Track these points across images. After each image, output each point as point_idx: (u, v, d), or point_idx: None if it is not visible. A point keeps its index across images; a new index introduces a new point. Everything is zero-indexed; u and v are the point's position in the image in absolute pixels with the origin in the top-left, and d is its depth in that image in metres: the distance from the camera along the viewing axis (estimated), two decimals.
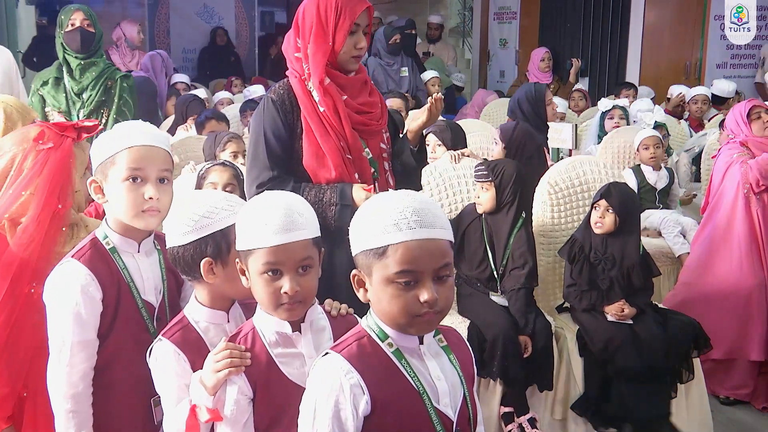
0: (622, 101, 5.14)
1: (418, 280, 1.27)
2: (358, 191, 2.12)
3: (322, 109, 2.14)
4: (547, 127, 4.12)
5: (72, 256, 1.65)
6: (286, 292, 1.41)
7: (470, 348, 1.48)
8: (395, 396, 1.29)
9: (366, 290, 1.33)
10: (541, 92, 4.11)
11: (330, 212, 2.09)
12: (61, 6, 6.58)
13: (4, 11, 5.82)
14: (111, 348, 1.65)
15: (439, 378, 1.35)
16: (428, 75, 6.49)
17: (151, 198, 1.62)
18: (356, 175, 2.18)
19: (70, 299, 1.60)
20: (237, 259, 1.48)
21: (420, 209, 1.28)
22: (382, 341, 1.32)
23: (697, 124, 5.54)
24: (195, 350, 1.52)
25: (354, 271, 1.34)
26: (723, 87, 5.91)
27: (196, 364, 1.48)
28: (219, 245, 1.54)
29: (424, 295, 1.26)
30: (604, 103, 5.00)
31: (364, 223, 1.31)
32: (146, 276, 1.70)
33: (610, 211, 2.88)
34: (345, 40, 2.13)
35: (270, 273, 1.41)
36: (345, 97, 2.16)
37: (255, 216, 1.43)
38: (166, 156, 1.69)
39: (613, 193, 2.90)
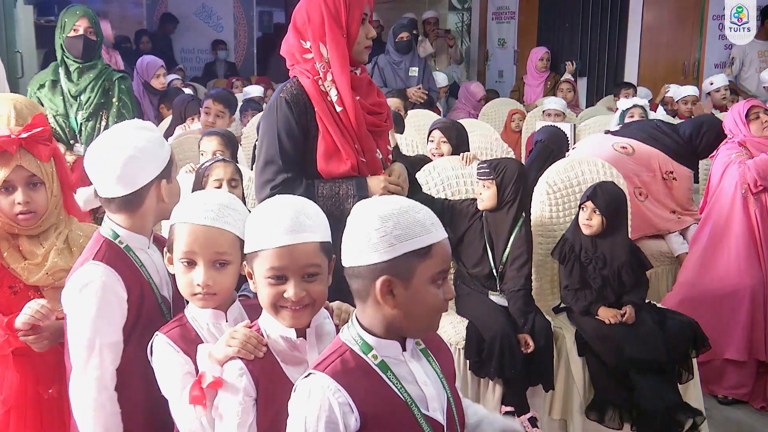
0: (621, 102, 5.13)
1: (445, 278, 1.32)
2: (374, 180, 2.13)
3: (338, 109, 2.13)
4: None
5: (93, 258, 1.62)
6: (289, 298, 1.39)
7: (446, 343, 1.48)
8: (384, 410, 1.28)
9: (395, 296, 1.28)
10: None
11: (348, 204, 2.07)
12: (59, 6, 6.56)
13: (2, 11, 5.80)
14: (134, 346, 1.62)
15: (426, 383, 1.35)
16: (443, 81, 6.55)
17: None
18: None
19: (97, 301, 1.57)
20: (244, 263, 1.48)
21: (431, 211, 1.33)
22: (366, 354, 1.31)
23: None
24: (192, 347, 1.51)
25: (384, 278, 1.26)
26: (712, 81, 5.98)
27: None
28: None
29: (448, 293, 1.32)
30: (624, 103, 4.97)
31: (404, 225, 1.26)
32: (161, 271, 1.70)
33: (597, 212, 2.89)
34: (359, 30, 2.13)
35: (273, 278, 1.40)
36: (357, 97, 2.15)
37: (262, 219, 1.42)
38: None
39: (599, 194, 2.91)
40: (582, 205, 2.96)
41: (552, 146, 3.83)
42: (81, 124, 3.51)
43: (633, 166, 3.68)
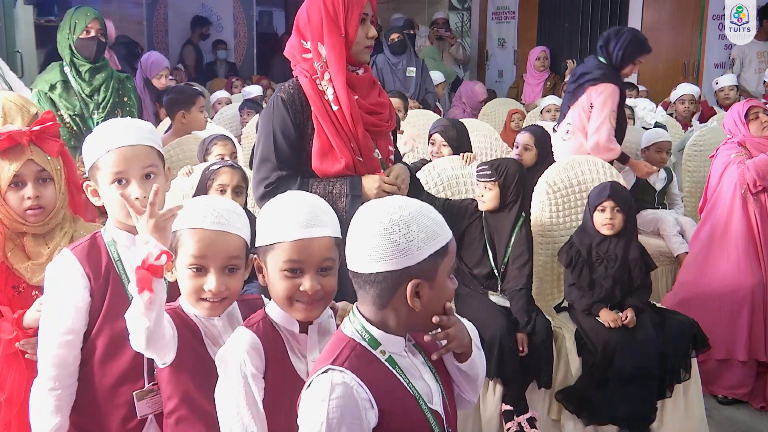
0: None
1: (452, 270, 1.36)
2: (369, 180, 2.13)
3: (335, 108, 2.13)
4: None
5: (67, 247, 1.68)
6: (305, 291, 1.40)
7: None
8: (397, 405, 1.29)
9: (420, 297, 1.29)
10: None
11: (341, 203, 2.09)
12: (59, 6, 6.55)
13: (2, 11, 5.80)
14: (97, 338, 1.64)
15: (428, 377, 1.36)
16: (439, 78, 6.51)
17: (137, 198, 1.61)
18: None
19: (57, 287, 1.62)
20: (255, 256, 1.48)
21: None
22: (374, 349, 1.31)
23: (684, 123, 5.54)
24: (189, 336, 1.53)
25: (414, 282, 1.28)
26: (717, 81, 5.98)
27: (188, 350, 1.51)
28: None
29: (455, 283, 1.36)
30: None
31: (425, 227, 1.28)
32: None
33: (618, 210, 2.88)
34: (358, 30, 2.13)
35: (290, 271, 1.40)
36: (356, 97, 2.16)
37: (277, 212, 1.43)
38: (148, 152, 1.66)
39: (620, 192, 2.91)
40: (599, 206, 2.92)
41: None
42: (97, 123, 3.54)
43: (583, 141, 3.73)
